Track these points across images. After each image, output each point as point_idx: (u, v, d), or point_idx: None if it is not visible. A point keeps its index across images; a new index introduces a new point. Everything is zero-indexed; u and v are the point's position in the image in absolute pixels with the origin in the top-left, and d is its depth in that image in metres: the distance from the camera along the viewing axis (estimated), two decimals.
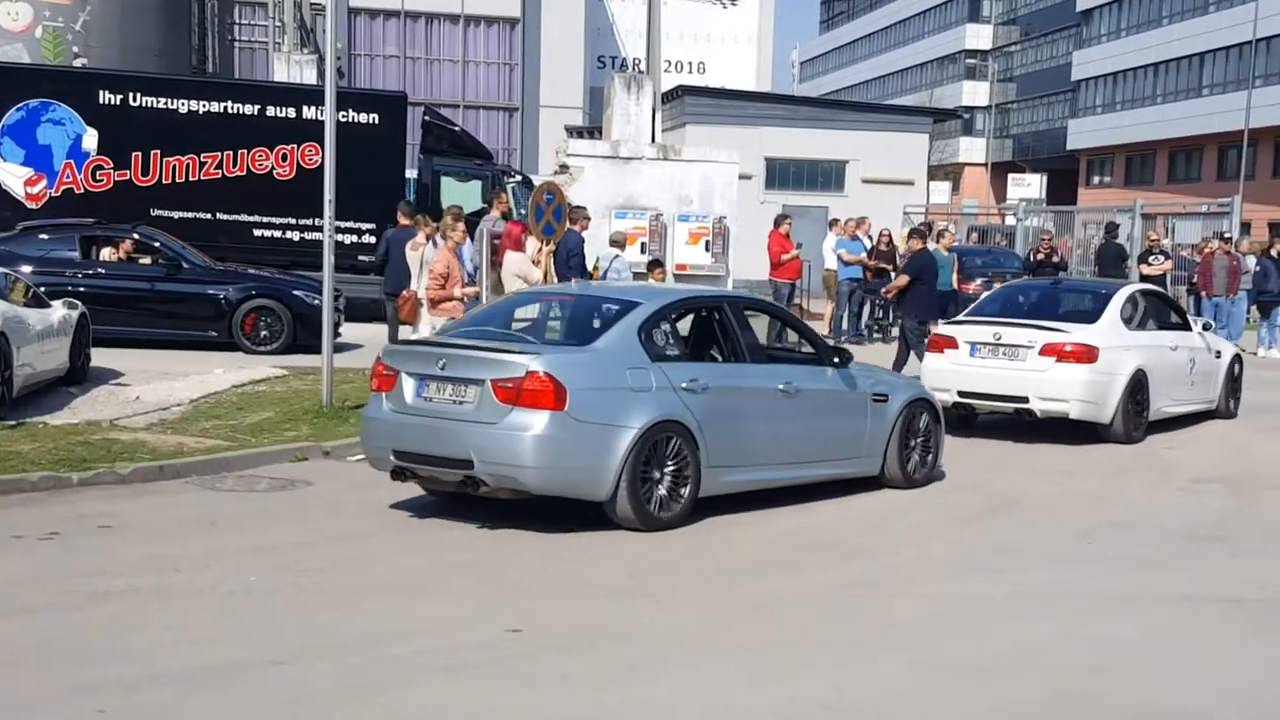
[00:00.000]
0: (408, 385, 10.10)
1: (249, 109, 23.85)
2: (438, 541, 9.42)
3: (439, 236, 14.73)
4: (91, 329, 15.76)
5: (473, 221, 16.48)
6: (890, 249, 25.77)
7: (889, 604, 8.16)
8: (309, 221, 22.76)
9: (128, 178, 23.23)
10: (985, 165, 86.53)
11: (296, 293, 18.97)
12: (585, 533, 9.72)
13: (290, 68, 32.31)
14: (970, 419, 15.21)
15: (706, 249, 26.62)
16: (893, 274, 22.70)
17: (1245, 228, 33.91)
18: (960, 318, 16.52)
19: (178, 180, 23.37)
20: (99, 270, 18.92)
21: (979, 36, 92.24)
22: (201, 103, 23.75)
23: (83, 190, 23.15)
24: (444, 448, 9.73)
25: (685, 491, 9.84)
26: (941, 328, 15.99)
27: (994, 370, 14.58)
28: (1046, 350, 14.26)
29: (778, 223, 24.39)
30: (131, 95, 23.50)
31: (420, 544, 9.33)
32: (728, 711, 6.13)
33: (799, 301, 25.03)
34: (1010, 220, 38.99)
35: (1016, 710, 6.33)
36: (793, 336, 12.80)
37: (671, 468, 9.77)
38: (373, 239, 21.43)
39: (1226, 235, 25.99)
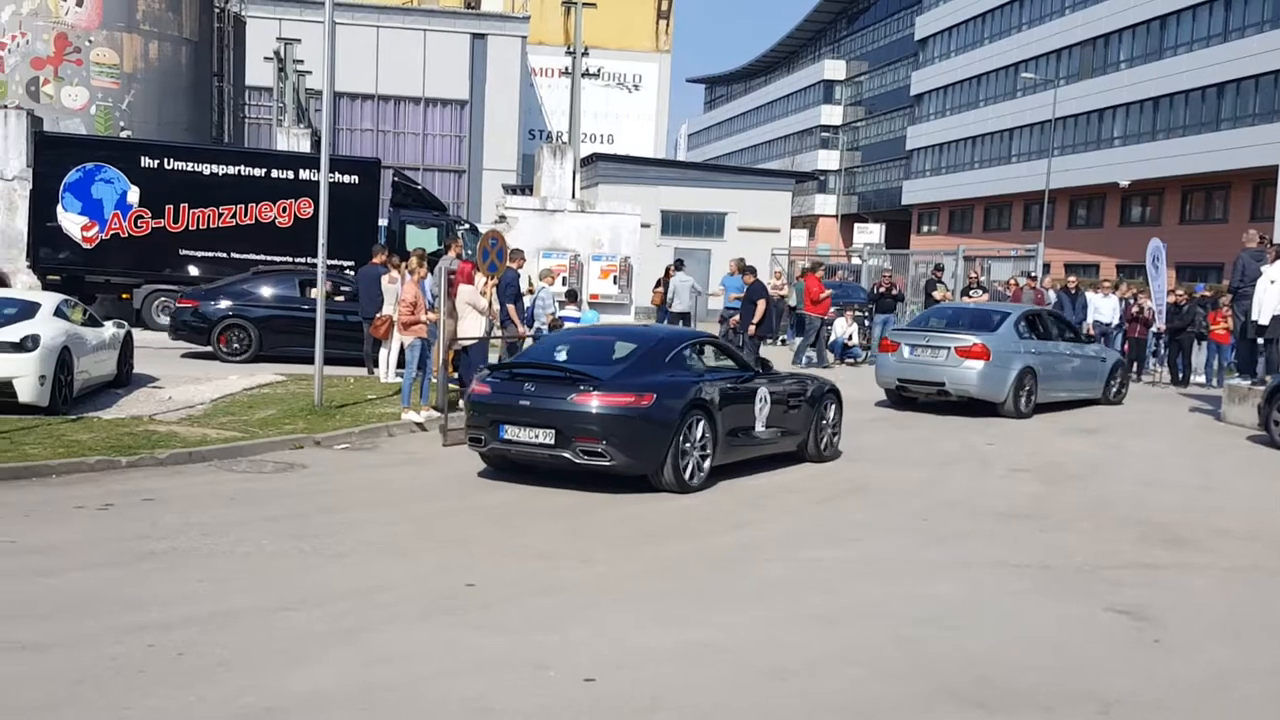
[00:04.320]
0: (905, 349, 16.60)
1: (257, 171, 23.67)
2: (412, 513, 9.34)
3: (407, 272, 14.83)
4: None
5: (432, 260, 16.58)
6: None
7: (763, 566, 7.98)
8: (302, 259, 22.69)
9: (162, 225, 23.00)
10: (836, 216, 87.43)
11: None
12: (533, 507, 9.78)
13: (289, 139, 32.11)
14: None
15: (614, 282, 26.88)
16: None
17: (1046, 268, 34.63)
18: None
19: (201, 227, 23.17)
20: (307, 305, 18.03)
21: (832, 115, 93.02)
22: (220, 166, 23.57)
23: (127, 235, 22.89)
24: (926, 376, 16.39)
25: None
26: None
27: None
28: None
29: (814, 268, 24.25)
30: (166, 160, 23.29)
31: (397, 515, 9.24)
32: (635, 650, 6.11)
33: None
34: (856, 260, 39.53)
35: (862, 650, 6.24)
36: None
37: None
38: (352, 274, 21.40)
39: (1031, 274, 26.69)
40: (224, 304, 19.07)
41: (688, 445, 10.25)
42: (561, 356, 10.90)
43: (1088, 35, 60.12)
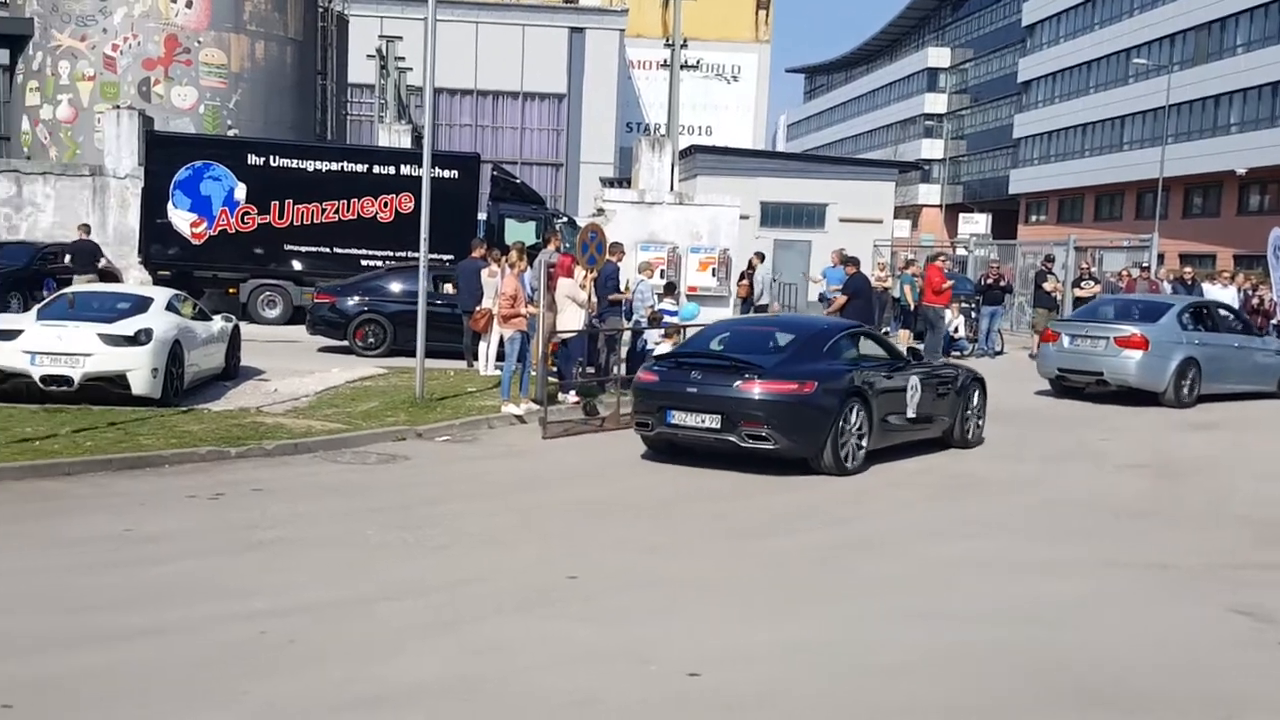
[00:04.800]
0: (1065, 338, 17.04)
1: (359, 167, 24.07)
2: (513, 505, 9.40)
3: (507, 266, 14.98)
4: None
5: (531, 254, 16.70)
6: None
7: (870, 562, 7.91)
8: (403, 254, 23.04)
9: (268, 221, 23.55)
10: (940, 206, 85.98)
11: None
12: (632, 501, 9.83)
13: (391, 135, 32.63)
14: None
15: (713, 274, 26.79)
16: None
17: (1160, 258, 33.70)
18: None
19: (305, 223, 23.66)
20: (440, 300, 18.32)
21: (936, 103, 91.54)
22: (323, 163, 24.03)
23: (234, 231, 23.50)
24: (1085, 366, 16.74)
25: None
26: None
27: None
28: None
29: (935, 258, 24.15)
30: (271, 157, 23.84)
31: (498, 507, 9.31)
32: (738, 645, 6.09)
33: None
34: (962, 251, 38.90)
35: (969, 649, 6.12)
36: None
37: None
38: (452, 268, 21.68)
39: (1145, 265, 26.02)
40: (360, 300, 19.44)
41: (846, 430, 10.80)
42: (721, 346, 11.56)
43: (1203, 20, 58.21)
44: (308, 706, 5.13)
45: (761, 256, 25.24)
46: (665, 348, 15.77)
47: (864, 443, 11.03)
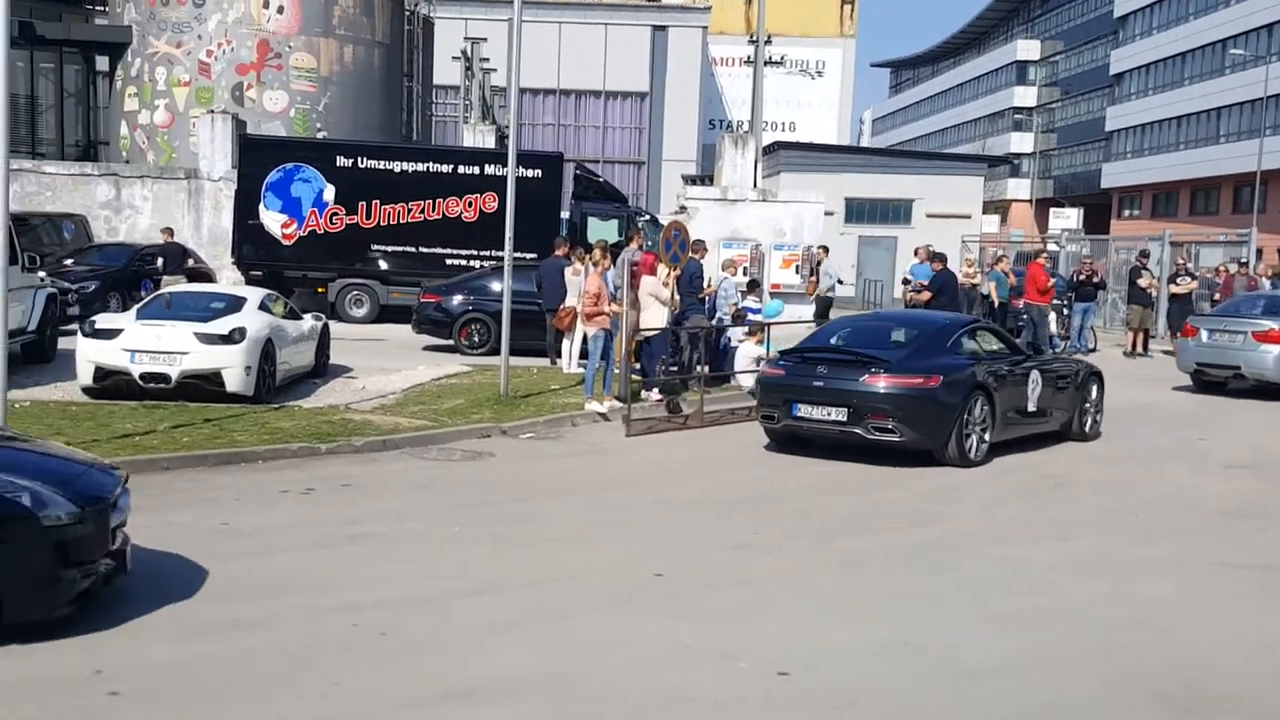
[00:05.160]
0: (1203, 333, 17.28)
1: (444, 167, 24.37)
2: (598, 503, 9.45)
3: (590, 264, 15.06)
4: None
5: (614, 252, 16.76)
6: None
7: (960, 562, 7.78)
8: (487, 253, 23.26)
9: (355, 221, 23.97)
10: (1030, 201, 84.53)
11: None
12: (718, 499, 9.85)
13: (475, 135, 32.99)
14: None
15: (796, 271, 26.66)
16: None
17: (1259, 253, 32.79)
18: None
19: (391, 223, 24.02)
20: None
21: (1025, 96, 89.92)
22: (409, 164, 24.37)
23: (323, 231, 23.96)
24: (1223, 360, 16.98)
25: None
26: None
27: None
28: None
29: (1037, 254, 24.01)
30: (359, 159, 24.24)
31: (584, 504, 9.35)
32: (828, 645, 6.07)
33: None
34: (1053, 246, 38.25)
35: (1062, 651, 6.02)
36: None
37: None
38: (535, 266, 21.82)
39: (1243, 260, 25.37)
40: (465, 299, 19.66)
41: (970, 423, 11.07)
42: (841, 342, 11.92)
43: None
44: (398, 699, 5.22)
45: (826, 249, 24.96)
46: (749, 346, 15.73)
47: (987, 435, 11.26)
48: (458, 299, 19.51)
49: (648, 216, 27.55)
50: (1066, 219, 55.41)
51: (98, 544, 5.98)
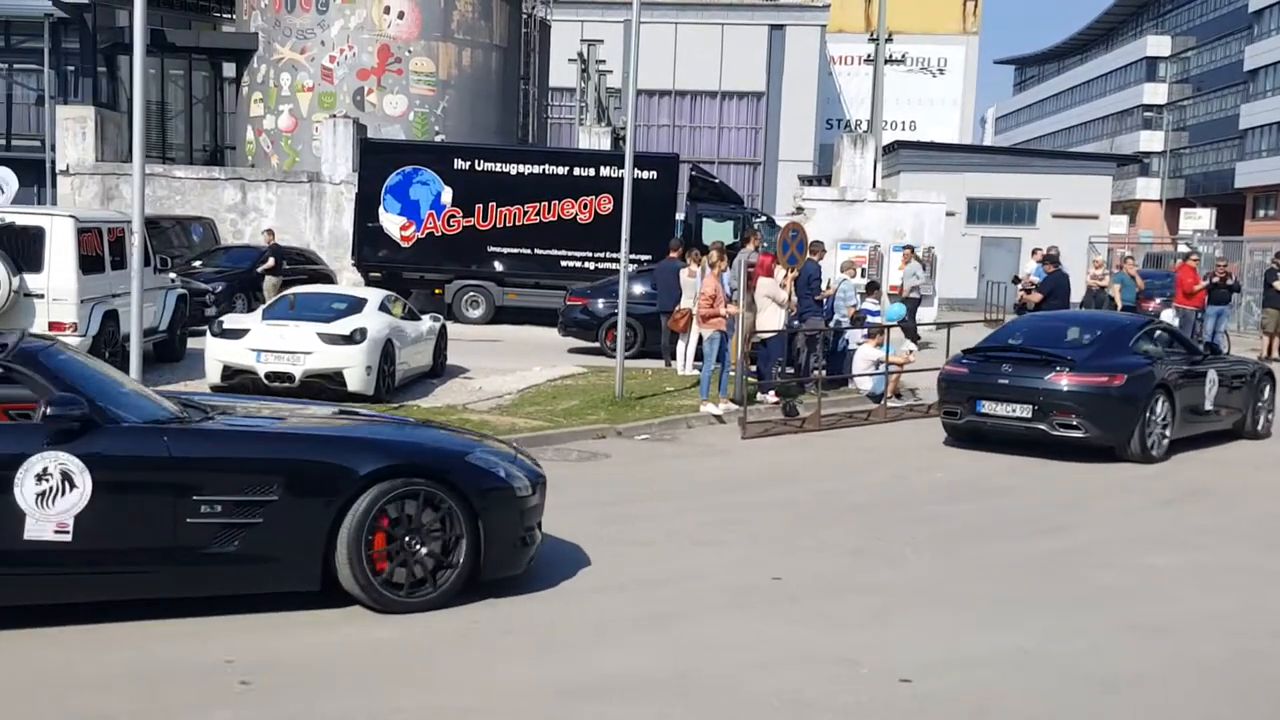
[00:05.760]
0: None
1: (560, 170, 24.59)
2: (714, 505, 9.42)
3: (707, 266, 15.03)
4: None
5: (730, 253, 16.70)
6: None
7: (1092, 571, 7.63)
8: (602, 254, 23.40)
9: (472, 223, 24.33)
10: (1160, 201, 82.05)
11: None
12: (834, 503, 9.75)
13: (590, 137, 33.26)
14: None
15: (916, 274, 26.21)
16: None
17: None
18: None
19: (508, 225, 24.33)
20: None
21: (1155, 93, 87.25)
22: (525, 166, 24.65)
23: (440, 233, 24.39)
24: None
25: None
26: None
27: None
28: None
29: (1187, 257, 23.52)
30: (476, 162, 24.59)
31: (700, 506, 9.34)
32: (952, 652, 6.00)
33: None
34: (1183, 248, 37.03)
35: (1197, 663, 5.91)
36: None
37: None
38: (650, 268, 21.85)
39: None
40: (610, 302, 19.73)
41: (1152, 420, 11.50)
42: (1020, 341, 12.36)
43: None
44: (522, 694, 5.28)
45: (912, 249, 24.12)
46: (868, 348, 15.55)
47: (1168, 432, 11.64)
48: (603, 302, 19.53)
49: (764, 218, 27.43)
50: (1198, 219, 53.67)
51: (540, 513, 6.88)
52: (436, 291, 24.39)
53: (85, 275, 13.38)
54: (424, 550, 6.22)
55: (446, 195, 24.35)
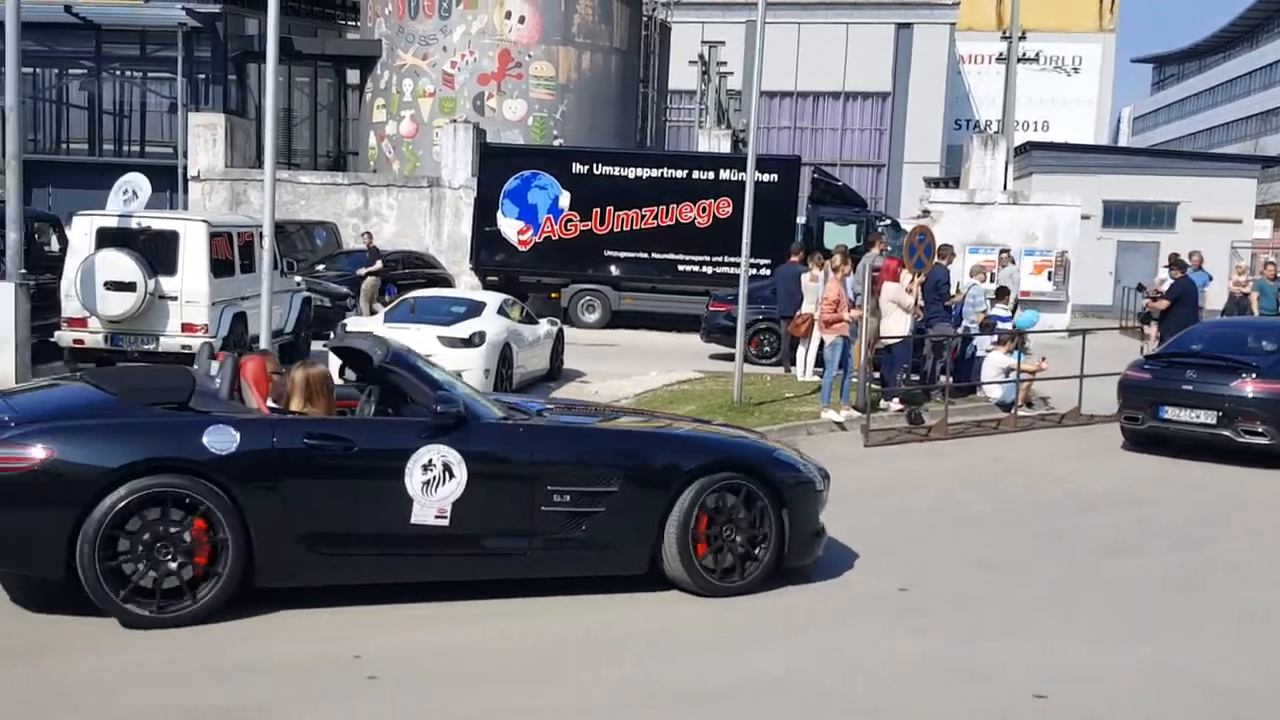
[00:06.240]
0: None
1: (678, 173, 24.67)
2: (836, 512, 9.16)
3: (830, 270, 14.91)
4: None
5: (853, 257, 16.53)
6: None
7: (1229, 588, 7.49)
8: (720, 258, 23.42)
9: (589, 227, 24.57)
10: None
11: None
12: (956, 514, 9.60)
13: (710, 140, 33.28)
14: None
15: (1049, 278, 25.71)
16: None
17: None
18: None
19: (625, 229, 24.51)
20: None
21: None
22: (644, 169, 24.82)
23: (557, 237, 24.69)
24: None
25: None
26: None
27: None
28: None
29: None
30: (595, 165, 24.85)
31: (826, 512, 9.08)
32: (1087, 668, 5.88)
33: None
34: None
35: None
36: None
37: None
38: (768, 272, 21.76)
39: None
40: (754, 308, 19.71)
41: None
42: (1203, 348, 12.58)
43: None
44: (646, 699, 5.33)
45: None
46: (997, 355, 15.25)
47: None
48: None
49: (888, 220, 27.15)
50: None
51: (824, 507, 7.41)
52: (553, 295, 24.66)
53: (216, 278, 13.85)
54: (738, 539, 6.82)
55: (564, 199, 24.62)
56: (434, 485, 6.28)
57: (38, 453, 5.70)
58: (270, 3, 10.73)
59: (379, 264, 22.48)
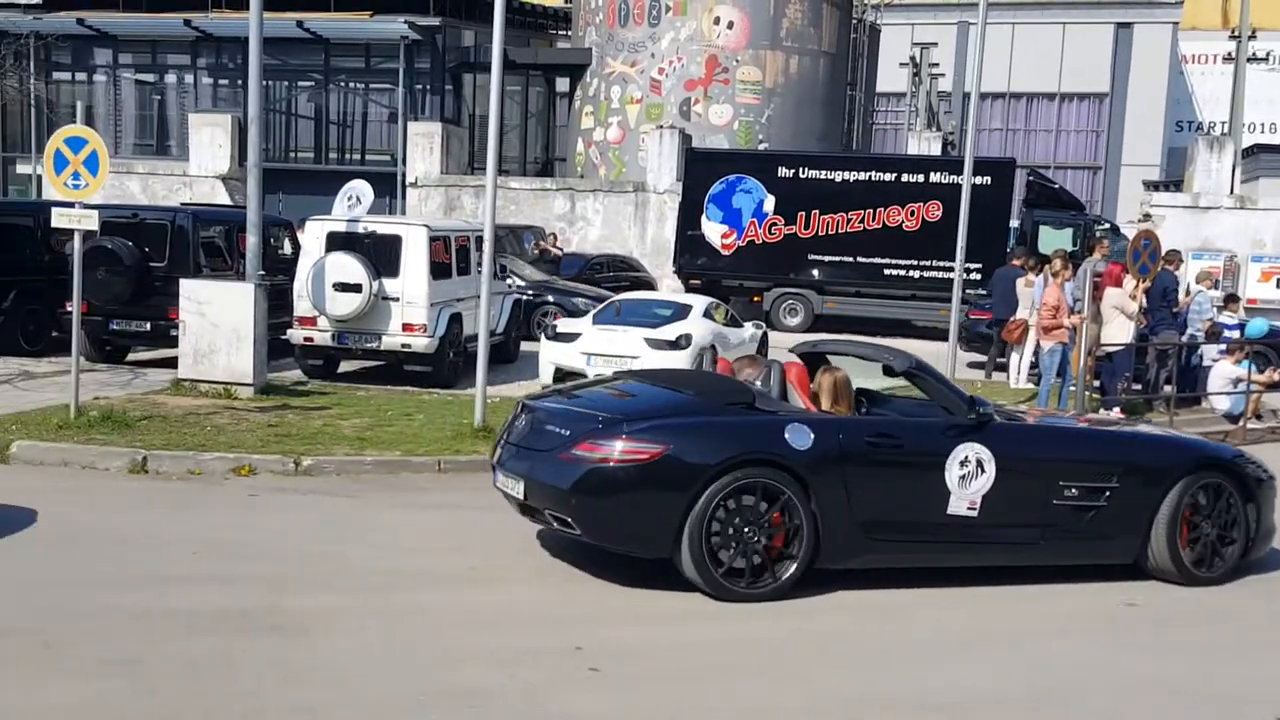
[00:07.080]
0: None
1: (886, 176, 24.25)
2: None
3: (1050, 275, 14.44)
4: None
5: (1072, 263, 15.94)
6: None
7: None
8: (927, 263, 22.94)
9: (794, 231, 24.41)
10: None
11: None
12: None
13: (920, 143, 32.67)
14: None
15: (1277, 286, 24.34)
16: None
17: None
18: None
19: (830, 233, 24.25)
20: None
21: None
22: (850, 173, 24.49)
23: (760, 241, 24.63)
24: None
25: None
26: None
27: None
28: None
29: None
30: (800, 169, 24.68)
31: None
32: None
33: None
34: None
35: None
36: None
37: None
38: (979, 277, 21.23)
39: None
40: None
41: None
42: None
43: None
44: (856, 705, 5.27)
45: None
46: (1225, 365, 14.48)
47: None
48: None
49: (1107, 225, 26.12)
50: None
51: None
52: (755, 299, 24.62)
53: (435, 280, 14.36)
54: (1212, 533, 7.31)
55: (769, 203, 24.54)
56: (969, 479, 6.90)
57: (657, 447, 6.42)
58: (496, 17, 11.10)
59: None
